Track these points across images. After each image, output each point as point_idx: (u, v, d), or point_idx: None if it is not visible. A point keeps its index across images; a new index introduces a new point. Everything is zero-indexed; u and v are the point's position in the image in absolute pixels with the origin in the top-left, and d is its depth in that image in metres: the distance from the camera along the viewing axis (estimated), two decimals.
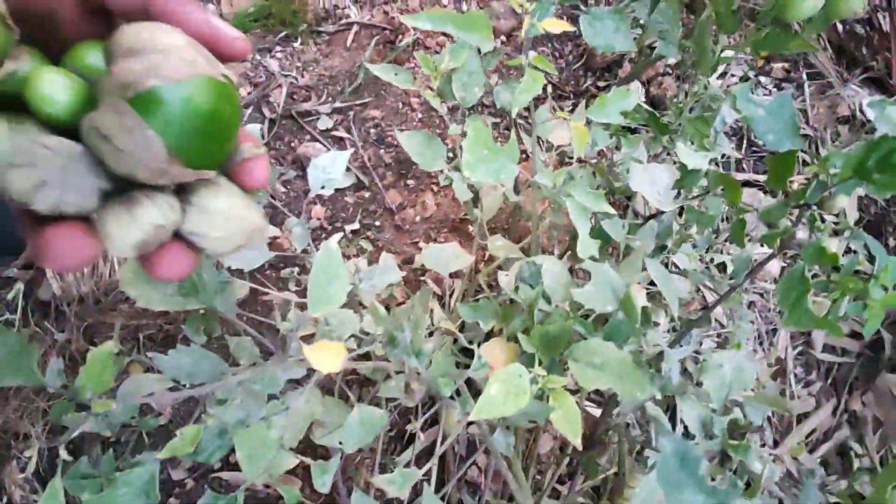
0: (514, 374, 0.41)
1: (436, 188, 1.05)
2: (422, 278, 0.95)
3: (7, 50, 0.23)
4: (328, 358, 0.43)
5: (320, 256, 0.46)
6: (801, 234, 0.43)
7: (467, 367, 0.56)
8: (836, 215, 1.20)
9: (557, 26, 0.47)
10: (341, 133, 1.11)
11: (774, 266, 1.19)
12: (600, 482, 0.68)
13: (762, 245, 1.11)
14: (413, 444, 0.84)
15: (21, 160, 0.22)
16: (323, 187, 0.57)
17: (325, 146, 1.09)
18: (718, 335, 1.10)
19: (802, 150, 1.27)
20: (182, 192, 0.25)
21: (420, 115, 1.13)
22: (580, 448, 0.40)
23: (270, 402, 0.43)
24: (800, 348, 1.22)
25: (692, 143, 0.64)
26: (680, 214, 0.78)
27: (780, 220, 0.43)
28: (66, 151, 0.22)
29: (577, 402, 0.49)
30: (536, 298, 0.50)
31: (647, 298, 0.57)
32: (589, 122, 0.54)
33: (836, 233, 0.44)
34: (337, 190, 1.04)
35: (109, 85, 0.22)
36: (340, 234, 0.97)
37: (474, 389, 0.48)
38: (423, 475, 0.62)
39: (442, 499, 0.76)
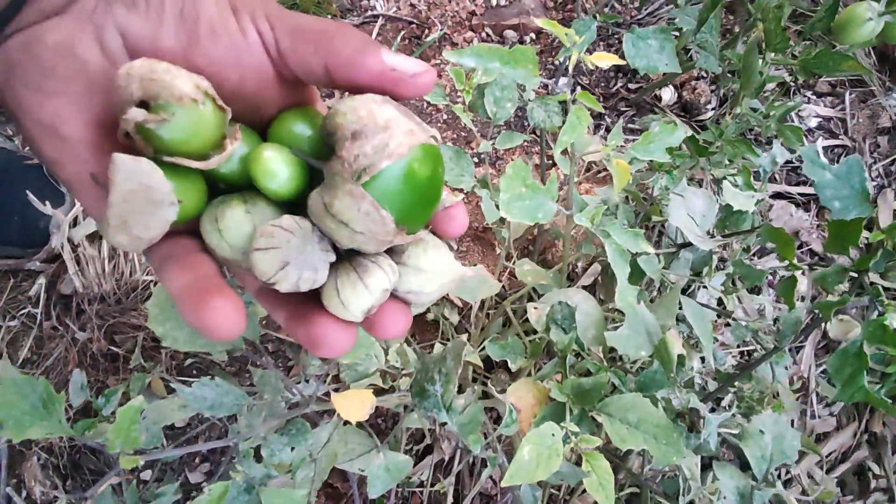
0: (546, 436, 0.40)
1: (459, 195, 1.02)
2: None
3: (225, 128, 0.24)
4: (357, 407, 0.42)
5: None
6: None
7: (489, 401, 0.55)
8: None
9: (607, 60, 0.44)
10: None
11: (802, 283, 1.16)
12: None
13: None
14: (431, 455, 0.83)
15: (265, 244, 0.23)
16: None
17: None
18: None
19: None
20: (392, 252, 0.26)
21: (445, 117, 1.10)
22: None
23: (295, 450, 0.42)
24: (823, 367, 1.19)
25: (734, 171, 0.61)
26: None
27: (837, 286, 0.40)
28: (302, 231, 0.24)
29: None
30: (570, 345, 0.48)
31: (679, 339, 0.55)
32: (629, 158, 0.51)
33: None
34: None
35: (340, 169, 0.23)
36: None
37: (502, 436, 0.47)
38: (444, 491, 0.61)
39: None
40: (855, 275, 0.40)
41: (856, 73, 1.33)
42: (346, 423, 0.56)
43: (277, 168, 0.24)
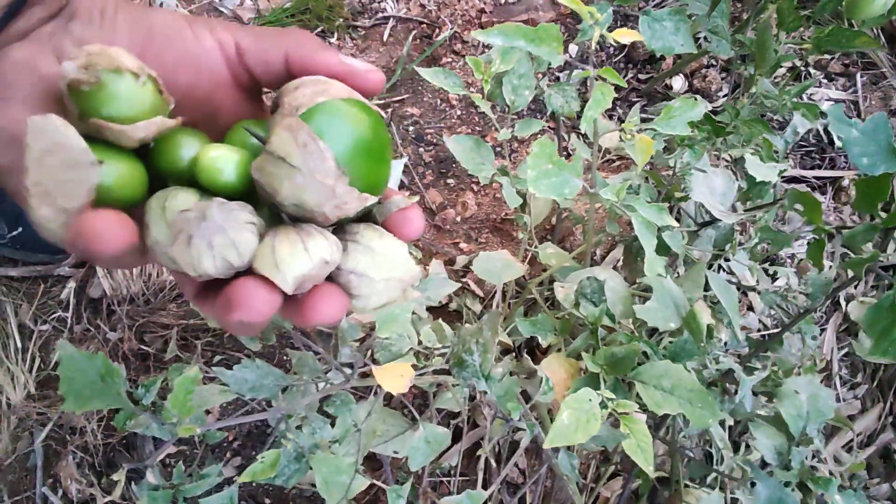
0: (584, 400, 0.41)
1: (476, 187, 1.04)
2: (463, 280, 0.95)
3: (160, 111, 0.24)
4: (397, 380, 0.43)
5: None
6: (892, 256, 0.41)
7: (523, 376, 0.56)
8: None
9: (629, 36, 0.46)
10: None
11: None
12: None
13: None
14: (460, 441, 0.84)
15: (179, 239, 0.22)
16: None
17: None
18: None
19: None
20: (344, 232, 0.25)
21: (459, 112, 1.12)
22: (652, 475, 0.39)
23: (338, 420, 0.44)
24: (846, 349, 1.19)
25: (754, 148, 0.62)
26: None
27: (866, 244, 0.41)
28: (202, 206, 0.22)
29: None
30: (600, 317, 0.49)
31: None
32: (652, 132, 0.52)
33: None
34: None
35: (279, 116, 0.23)
36: None
37: (534, 408, 0.48)
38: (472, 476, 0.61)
39: (487, 500, 0.77)
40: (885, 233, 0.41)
41: (867, 58, 1.33)
42: (384, 404, 0.58)
43: (219, 164, 0.23)
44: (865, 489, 1.21)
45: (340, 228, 0.25)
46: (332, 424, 0.47)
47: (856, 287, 1.21)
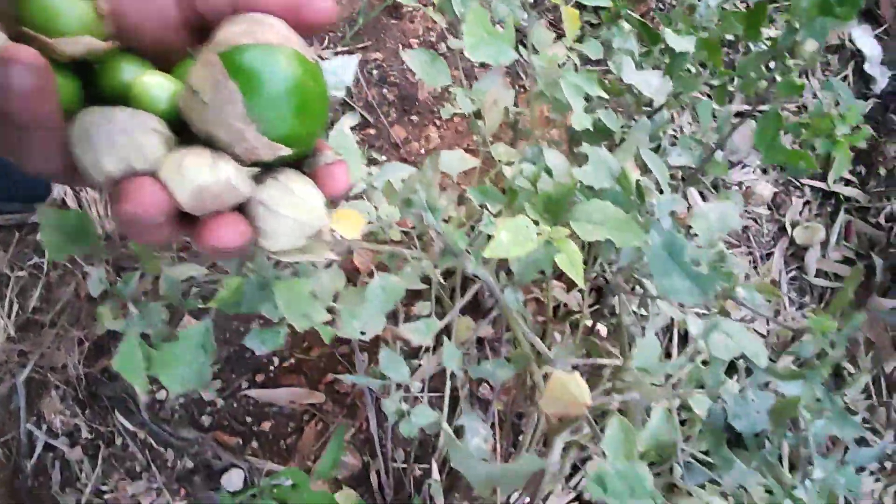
0: (521, 225, 0.46)
1: (438, 122, 1.08)
2: None
3: (94, 30, 0.23)
4: (349, 224, 0.47)
5: (334, 136, 0.50)
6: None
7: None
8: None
9: None
10: None
11: (767, 190, 1.23)
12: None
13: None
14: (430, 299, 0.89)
15: (83, 138, 0.22)
16: (335, 90, 0.61)
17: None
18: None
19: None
20: (265, 171, 0.24)
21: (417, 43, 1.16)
22: (583, 287, 0.44)
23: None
24: (793, 273, 1.27)
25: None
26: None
27: (755, 70, 0.46)
28: (122, 113, 0.22)
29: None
30: (539, 173, 0.54)
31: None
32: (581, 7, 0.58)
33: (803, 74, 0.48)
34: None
35: (207, 48, 0.23)
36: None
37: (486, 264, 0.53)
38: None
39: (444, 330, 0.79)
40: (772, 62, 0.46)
41: None
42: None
43: (157, 92, 0.23)
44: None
45: (265, 168, 0.25)
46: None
47: (801, 213, 1.28)
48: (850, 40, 1.34)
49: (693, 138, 0.56)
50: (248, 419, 0.93)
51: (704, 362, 0.43)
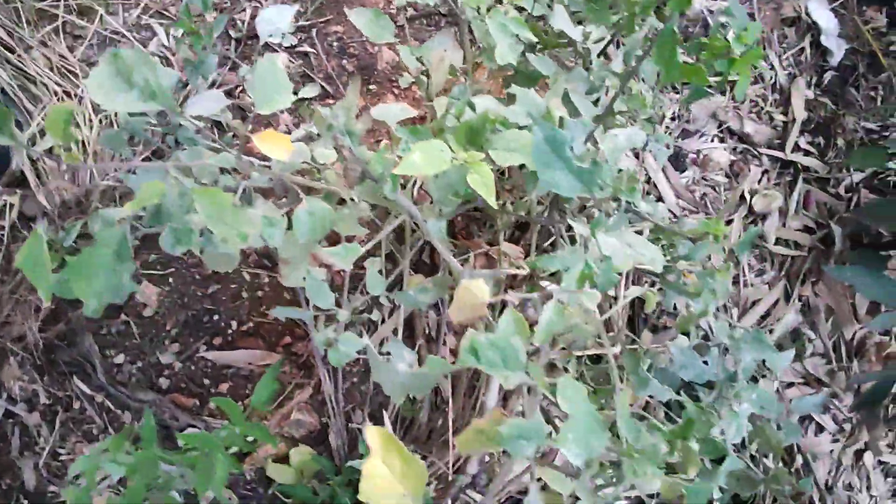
0: (435, 148, 0.47)
1: (397, 91, 1.10)
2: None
3: None
4: (276, 146, 0.48)
5: (263, 64, 0.51)
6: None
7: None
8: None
9: None
10: (305, 48, 1.16)
11: (724, 157, 1.26)
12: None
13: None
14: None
15: None
16: (271, 35, 0.62)
17: (291, 61, 1.14)
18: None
19: None
20: None
21: None
22: (495, 207, 0.46)
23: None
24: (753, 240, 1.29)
25: None
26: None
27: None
28: None
29: None
30: (463, 108, 0.55)
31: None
32: None
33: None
34: (303, 99, 1.09)
35: None
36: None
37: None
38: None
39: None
40: None
41: None
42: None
43: None
44: None
45: None
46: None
47: (759, 182, 1.31)
48: (807, 13, 1.36)
49: (610, 70, 0.58)
50: (206, 381, 0.93)
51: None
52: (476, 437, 0.36)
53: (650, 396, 0.67)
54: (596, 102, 0.72)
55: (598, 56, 0.66)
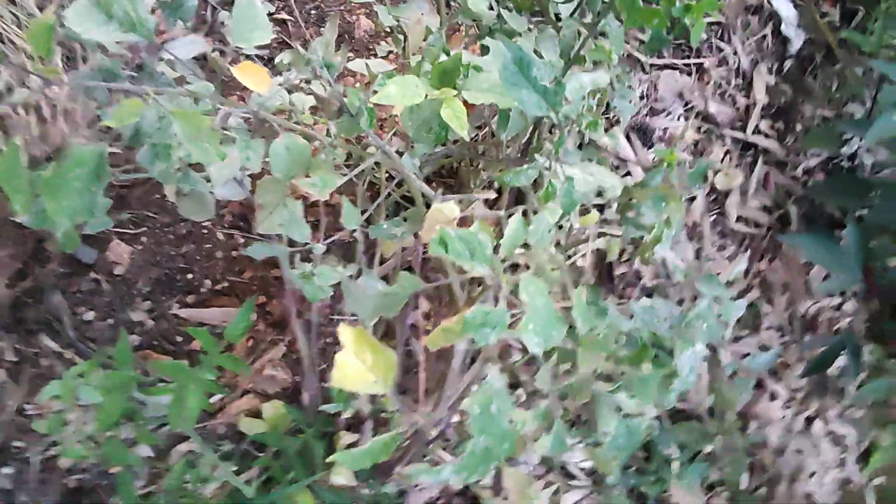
0: (410, 82, 0.50)
1: (374, 58, 1.11)
2: None
3: None
4: (255, 78, 0.50)
5: (242, 5, 0.52)
6: None
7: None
8: None
9: None
10: (283, 16, 1.16)
11: (689, 135, 1.31)
12: None
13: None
14: None
15: None
16: None
17: None
18: None
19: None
20: None
21: None
22: (467, 139, 0.48)
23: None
24: (714, 217, 1.35)
25: None
26: None
27: None
28: None
29: None
30: (438, 52, 0.58)
31: None
32: None
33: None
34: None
35: None
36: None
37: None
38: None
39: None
40: None
41: None
42: None
43: None
44: (736, 340, 1.37)
45: None
46: None
47: (722, 161, 1.37)
48: (769, 1, 1.42)
49: (578, 20, 0.61)
50: (179, 339, 0.94)
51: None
52: (444, 334, 0.38)
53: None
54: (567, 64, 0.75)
55: (570, 16, 0.69)
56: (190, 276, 0.96)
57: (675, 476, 1.02)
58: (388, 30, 1.19)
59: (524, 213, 0.42)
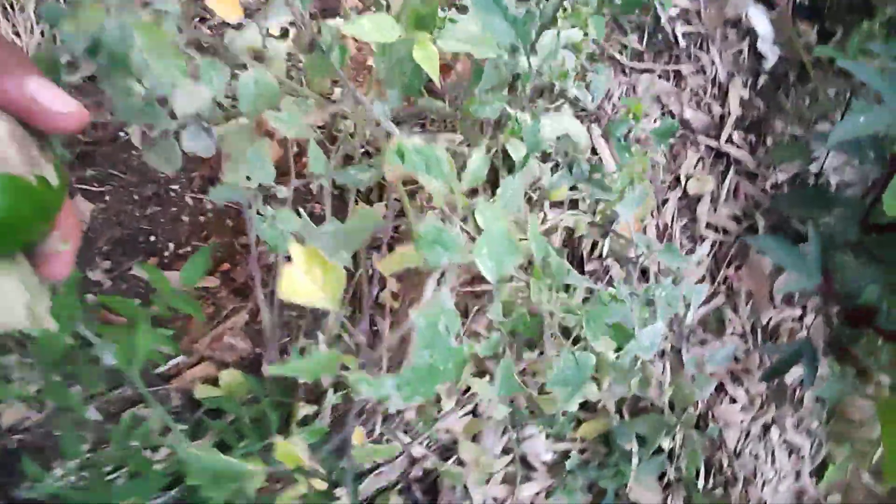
0: (384, 21, 0.49)
1: (358, 43, 1.11)
2: None
3: None
4: (227, 6, 0.49)
5: None
6: None
7: None
8: None
9: None
10: None
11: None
12: None
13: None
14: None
15: None
16: None
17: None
18: None
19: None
20: None
21: None
22: (440, 86, 0.48)
23: None
24: (685, 221, 1.37)
25: None
26: None
27: None
28: None
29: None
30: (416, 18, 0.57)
31: None
32: None
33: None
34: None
35: None
36: None
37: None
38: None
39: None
40: None
41: None
42: None
43: None
44: (702, 344, 1.39)
45: None
46: None
47: (695, 167, 1.40)
48: (747, 17, 1.47)
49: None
50: (138, 301, 0.91)
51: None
52: (397, 258, 0.37)
53: None
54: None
55: None
56: (153, 238, 0.94)
57: (633, 470, 1.02)
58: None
59: (487, 151, 0.42)
